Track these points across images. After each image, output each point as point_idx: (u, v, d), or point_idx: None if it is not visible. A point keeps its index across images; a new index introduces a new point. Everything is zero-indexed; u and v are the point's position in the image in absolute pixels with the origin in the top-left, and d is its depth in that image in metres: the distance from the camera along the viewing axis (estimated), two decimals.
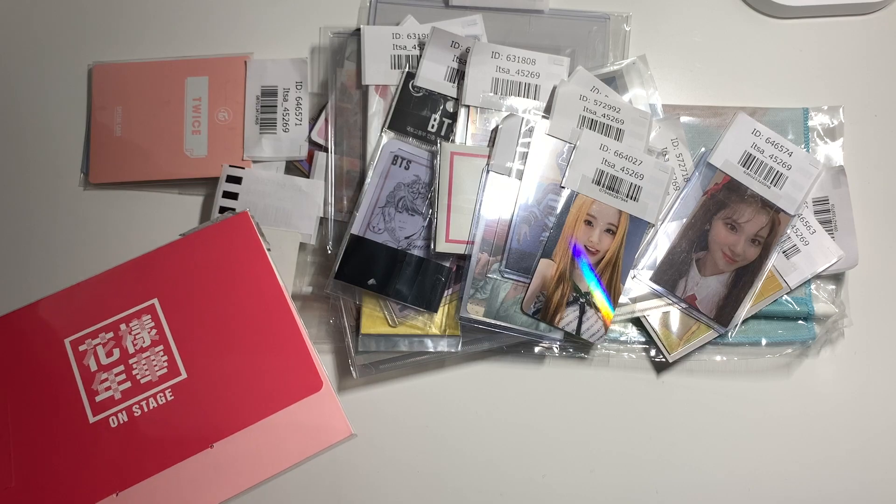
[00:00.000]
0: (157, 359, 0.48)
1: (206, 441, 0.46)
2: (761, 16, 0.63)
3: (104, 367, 0.49)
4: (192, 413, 0.47)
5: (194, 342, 0.49)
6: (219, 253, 0.51)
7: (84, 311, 0.50)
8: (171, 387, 0.47)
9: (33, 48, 0.63)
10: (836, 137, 0.59)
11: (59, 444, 0.47)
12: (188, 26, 0.63)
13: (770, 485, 0.54)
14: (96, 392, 0.48)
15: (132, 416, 0.47)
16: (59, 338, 0.50)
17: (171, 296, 0.50)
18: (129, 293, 0.50)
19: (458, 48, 0.57)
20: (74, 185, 0.60)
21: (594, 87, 0.57)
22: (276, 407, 0.47)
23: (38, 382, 0.49)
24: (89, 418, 0.47)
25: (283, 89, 0.60)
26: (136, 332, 0.49)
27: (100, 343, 0.49)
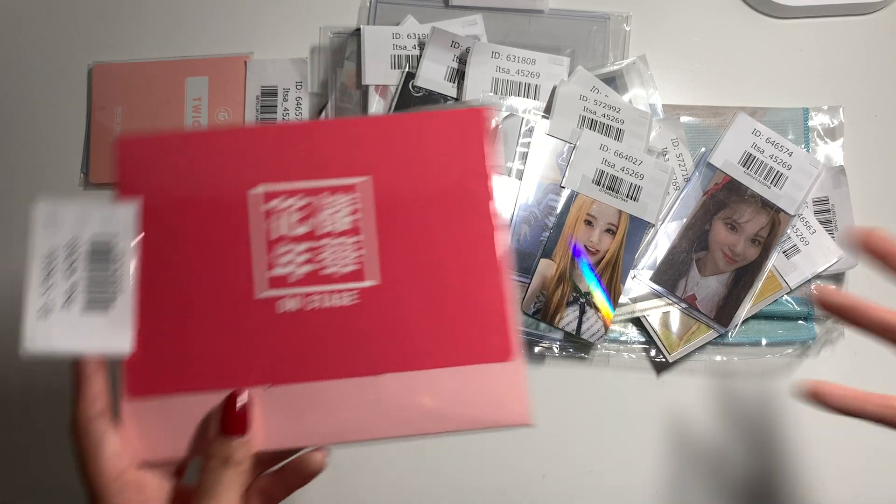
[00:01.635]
0: (348, 252, 0.38)
1: (375, 367, 0.37)
2: (761, 16, 0.63)
3: (291, 238, 0.38)
4: (371, 329, 0.38)
5: (396, 247, 0.38)
6: (448, 151, 0.40)
7: (284, 159, 0.39)
8: (359, 290, 0.38)
9: (33, 48, 0.63)
10: (836, 137, 0.59)
11: (213, 312, 0.38)
12: (188, 26, 0.63)
13: (770, 485, 0.54)
14: (272, 265, 0.38)
15: (304, 307, 0.38)
16: (243, 186, 0.39)
17: (386, 180, 0.39)
18: (341, 157, 0.39)
19: (458, 48, 0.57)
20: (74, 185, 0.60)
21: (594, 86, 0.57)
22: (458, 360, 0.38)
23: (201, 234, 0.38)
24: (255, 293, 0.38)
25: (283, 89, 0.60)
26: (336, 210, 0.39)
27: (294, 207, 0.38)
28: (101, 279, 0.36)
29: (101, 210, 0.37)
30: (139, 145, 0.39)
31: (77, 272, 0.36)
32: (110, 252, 0.36)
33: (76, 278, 0.36)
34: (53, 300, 0.36)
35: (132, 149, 0.39)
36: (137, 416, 0.36)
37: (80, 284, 0.36)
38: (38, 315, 0.36)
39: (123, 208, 0.38)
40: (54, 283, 0.36)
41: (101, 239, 0.37)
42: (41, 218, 0.37)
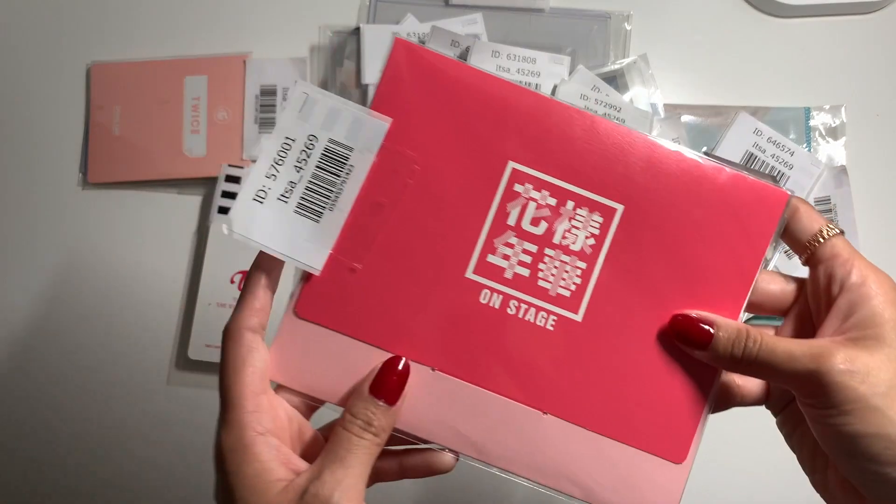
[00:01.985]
0: (570, 275, 0.34)
1: (543, 403, 0.34)
2: (763, 15, 0.63)
3: (520, 232, 0.34)
4: (556, 363, 0.34)
5: (612, 292, 0.34)
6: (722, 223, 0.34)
7: (546, 148, 0.34)
8: (557, 318, 0.34)
9: (32, 47, 0.63)
10: (837, 137, 0.58)
11: (416, 269, 0.34)
12: (187, 25, 0.63)
13: (770, 485, 0.54)
14: (493, 250, 0.34)
15: (504, 308, 0.34)
16: (503, 152, 0.34)
17: (636, 217, 0.34)
18: (603, 170, 0.34)
19: (459, 47, 0.57)
20: (73, 185, 0.60)
21: (595, 86, 0.56)
22: (627, 437, 0.34)
23: (442, 180, 0.34)
24: (467, 271, 0.34)
25: (282, 88, 0.59)
26: (576, 224, 0.34)
27: (538, 202, 0.34)
28: (324, 186, 0.33)
29: (354, 114, 0.33)
30: (417, 54, 0.34)
31: (304, 170, 0.33)
32: (344, 162, 0.33)
33: (301, 175, 0.33)
34: (272, 188, 0.33)
35: (408, 54, 0.34)
36: (295, 338, 0.34)
37: (301, 183, 0.33)
38: (253, 196, 0.33)
39: (373, 122, 0.34)
40: (281, 172, 0.33)
41: (340, 144, 0.33)
42: (296, 100, 0.33)
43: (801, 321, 0.34)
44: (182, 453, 0.57)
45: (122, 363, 0.58)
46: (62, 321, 0.58)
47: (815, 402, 0.30)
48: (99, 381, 0.58)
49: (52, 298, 0.59)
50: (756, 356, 0.31)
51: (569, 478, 0.34)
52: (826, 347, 0.30)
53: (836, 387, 0.29)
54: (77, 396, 0.58)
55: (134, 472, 0.57)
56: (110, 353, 0.58)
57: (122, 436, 0.57)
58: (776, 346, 0.30)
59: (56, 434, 0.57)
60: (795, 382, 0.30)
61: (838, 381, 0.29)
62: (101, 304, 0.59)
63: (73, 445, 0.57)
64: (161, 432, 0.57)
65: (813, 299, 0.33)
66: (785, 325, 0.35)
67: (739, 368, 0.32)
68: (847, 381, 0.29)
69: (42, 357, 0.58)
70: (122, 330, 0.58)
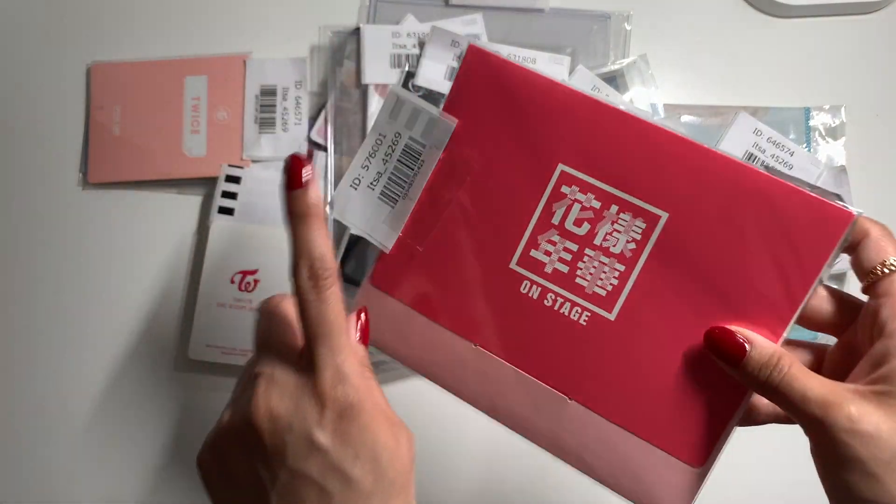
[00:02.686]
0: (607, 275, 0.36)
1: (569, 389, 0.37)
2: (763, 15, 0.63)
3: (563, 231, 0.36)
4: (585, 354, 0.36)
5: (647, 296, 0.36)
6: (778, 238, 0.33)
7: (596, 153, 0.36)
8: (591, 315, 0.36)
9: (31, 47, 0.63)
10: (837, 137, 0.58)
11: (466, 254, 0.38)
12: (187, 25, 0.63)
13: (771, 485, 0.54)
14: (536, 245, 0.37)
15: (541, 299, 0.37)
16: (555, 154, 0.36)
17: (680, 226, 0.35)
18: (650, 176, 0.35)
19: (458, 47, 0.57)
20: (73, 185, 0.60)
21: (595, 86, 0.56)
22: (645, 433, 0.36)
23: (496, 177, 0.37)
24: (511, 262, 0.37)
25: (282, 88, 0.59)
26: (618, 228, 0.36)
27: (582, 203, 0.36)
28: (401, 177, 0.38)
29: (429, 115, 0.38)
30: (486, 59, 0.37)
31: (389, 162, 0.38)
32: (417, 157, 0.38)
33: (386, 167, 0.38)
34: (364, 177, 0.39)
35: (479, 60, 0.37)
36: (368, 301, 0.39)
37: (385, 174, 0.38)
38: (351, 184, 0.39)
39: (443, 123, 0.38)
40: (372, 164, 0.39)
41: (417, 141, 0.38)
42: (391, 103, 0.38)
43: (850, 350, 0.32)
44: (182, 453, 0.57)
45: (121, 363, 0.58)
46: (62, 321, 0.58)
47: (817, 450, 0.29)
48: (99, 380, 0.58)
49: (52, 298, 0.59)
50: (776, 385, 0.30)
51: (584, 460, 0.37)
52: (840, 397, 0.28)
53: (838, 442, 0.28)
54: (77, 396, 0.58)
55: (133, 471, 0.57)
56: (110, 353, 0.58)
57: (121, 435, 0.57)
58: (795, 382, 0.29)
59: (56, 434, 0.57)
60: (804, 424, 0.29)
61: (841, 438, 0.28)
62: (100, 304, 0.59)
63: (73, 445, 0.57)
64: (161, 432, 0.57)
65: (861, 331, 0.32)
66: (835, 348, 0.33)
67: (763, 392, 0.31)
68: (849, 440, 0.28)
69: (42, 357, 0.58)
70: (121, 330, 0.58)
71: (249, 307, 0.56)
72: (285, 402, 0.30)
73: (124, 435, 0.57)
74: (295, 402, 0.30)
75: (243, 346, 0.55)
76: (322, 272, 0.30)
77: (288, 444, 0.29)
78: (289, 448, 0.29)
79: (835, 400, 0.28)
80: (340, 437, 0.29)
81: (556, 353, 0.37)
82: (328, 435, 0.29)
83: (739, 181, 0.34)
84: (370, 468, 0.29)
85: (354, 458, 0.29)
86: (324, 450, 0.29)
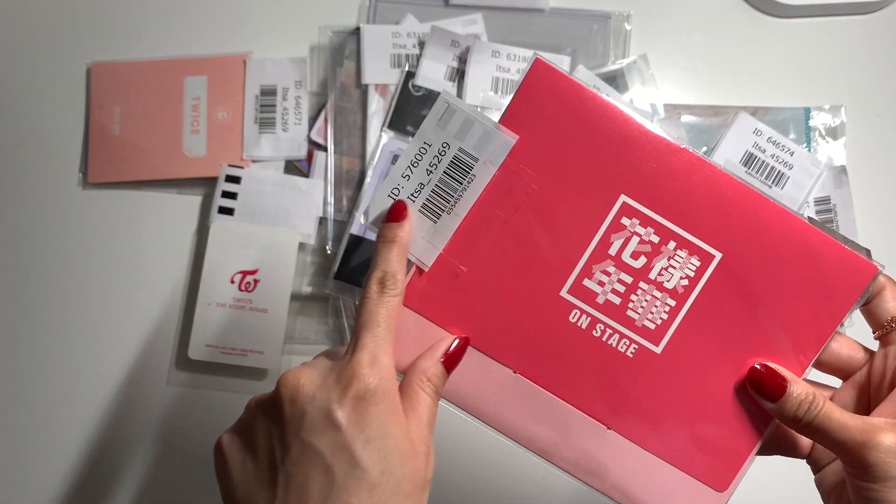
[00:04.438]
0: (658, 310, 0.37)
1: (608, 418, 0.37)
2: (763, 15, 0.63)
3: (619, 262, 0.37)
4: (628, 386, 0.37)
5: (692, 332, 0.37)
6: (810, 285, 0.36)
7: (659, 188, 0.36)
8: (638, 347, 0.37)
9: (32, 47, 0.63)
10: (837, 137, 0.58)
11: (513, 277, 0.37)
12: (187, 25, 0.63)
13: (771, 485, 0.54)
14: (590, 274, 0.37)
15: (590, 329, 0.37)
16: (616, 184, 0.36)
17: (731, 267, 0.36)
18: (707, 216, 0.36)
19: (458, 47, 0.57)
20: (73, 185, 0.60)
21: (595, 86, 0.56)
22: (676, 461, 0.37)
23: (554, 201, 0.36)
24: (562, 290, 0.37)
25: (282, 88, 0.59)
26: (673, 264, 0.37)
27: (641, 237, 0.37)
28: (446, 191, 0.36)
29: (483, 127, 0.36)
30: (553, 77, 0.36)
31: (433, 174, 0.36)
32: (468, 171, 0.36)
33: (430, 179, 0.36)
34: (405, 187, 0.36)
35: (545, 76, 0.36)
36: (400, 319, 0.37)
37: (429, 186, 0.36)
38: (388, 193, 0.36)
39: (501, 138, 0.36)
40: (414, 173, 0.36)
41: (468, 153, 0.36)
42: (438, 109, 0.36)
43: (860, 391, 0.36)
44: (182, 453, 0.57)
45: (121, 363, 0.58)
46: (62, 321, 0.58)
47: (857, 473, 0.32)
48: (99, 380, 0.58)
49: (52, 298, 0.59)
50: (813, 420, 0.33)
51: (618, 487, 0.37)
52: (879, 425, 0.32)
53: (880, 462, 0.31)
54: (77, 396, 0.58)
55: (134, 471, 0.57)
56: (110, 353, 0.58)
57: (121, 435, 0.57)
58: (832, 415, 0.33)
59: (56, 434, 0.57)
60: (843, 450, 0.32)
61: (883, 458, 0.31)
62: (100, 303, 0.59)
63: (73, 445, 0.57)
64: (161, 432, 0.57)
65: (876, 375, 0.35)
66: (842, 389, 0.37)
67: (797, 427, 0.34)
68: (891, 459, 0.31)
69: (42, 356, 0.58)
70: (121, 330, 0.58)
71: (249, 307, 0.56)
72: (314, 377, 0.31)
73: (124, 434, 0.57)
74: (323, 377, 0.31)
75: (243, 346, 0.55)
76: (390, 284, 0.33)
77: (306, 415, 0.30)
78: (306, 419, 0.30)
79: (874, 427, 0.32)
80: (357, 417, 0.30)
81: (600, 384, 0.37)
82: (346, 412, 0.30)
83: (787, 229, 0.36)
84: (378, 458, 0.30)
85: (366, 442, 0.30)
86: (338, 425, 0.30)
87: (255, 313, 0.55)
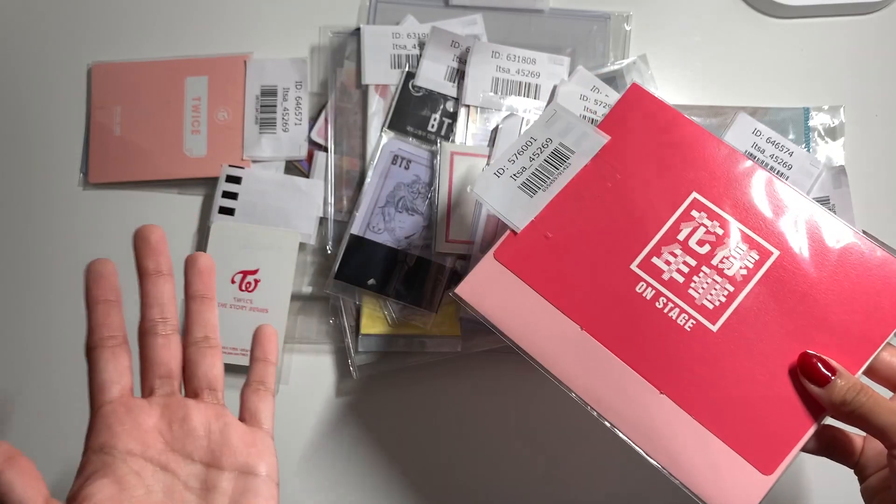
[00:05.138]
0: (717, 292, 0.41)
1: (663, 384, 0.40)
2: (762, 15, 0.63)
3: (685, 247, 0.42)
4: (684, 357, 0.40)
5: (747, 318, 0.40)
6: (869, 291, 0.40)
7: (728, 190, 0.42)
8: (696, 323, 0.41)
9: (32, 47, 0.63)
10: (836, 137, 0.59)
11: (592, 247, 0.42)
12: (188, 26, 0.63)
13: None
14: (658, 253, 0.42)
15: (653, 301, 0.41)
16: (689, 180, 0.43)
17: (785, 265, 0.41)
18: (771, 223, 0.42)
19: (458, 48, 0.57)
20: (73, 185, 0.60)
21: (594, 86, 0.57)
22: (727, 437, 0.39)
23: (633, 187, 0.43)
24: (632, 263, 0.42)
25: (282, 89, 0.60)
26: (734, 255, 0.41)
27: (707, 228, 0.42)
28: (544, 174, 0.44)
29: (583, 128, 0.44)
30: (645, 97, 0.45)
31: (535, 161, 0.44)
32: (564, 160, 0.44)
33: (532, 164, 0.44)
34: (509, 169, 0.44)
35: (637, 96, 0.45)
36: (488, 273, 0.43)
37: (529, 170, 0.44)
38: (495, 172, 0.44)
39: (596, 136, 0.44)
40: (518, 159, 0.44)
41: (567, 147, 0.44)
42: (549, 115, 0.44)
43: None
44: None
45: None
46: (62, 321, 0.59)
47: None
48: None
49: (52, 298, 0.59)
50: (862, 405, 0.35)
51: (665, 449, 0.40)
52: None
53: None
54: (77, 396, 0.58)
55: None
56: None
57: None
58: (880, 400, 0.35)
59: (56, 434, 0.57)
60: (889, 433, 0.34)
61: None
62: None
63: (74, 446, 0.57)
64: None
65: None
66: (893, 399, 0.39)
67: (843, 413, 0.36)
68: None
69: (42, 357, 0.58)
70: None
71: (249, 307, 0.56)
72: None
73: None
74: None
75: (243, 346, 0.55)
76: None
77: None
78: None
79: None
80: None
81: (657, 351, 0.41)
82: None
83: (842, 239, 0.41)
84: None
85: None
86: None
87: (256, 313, 0.56)
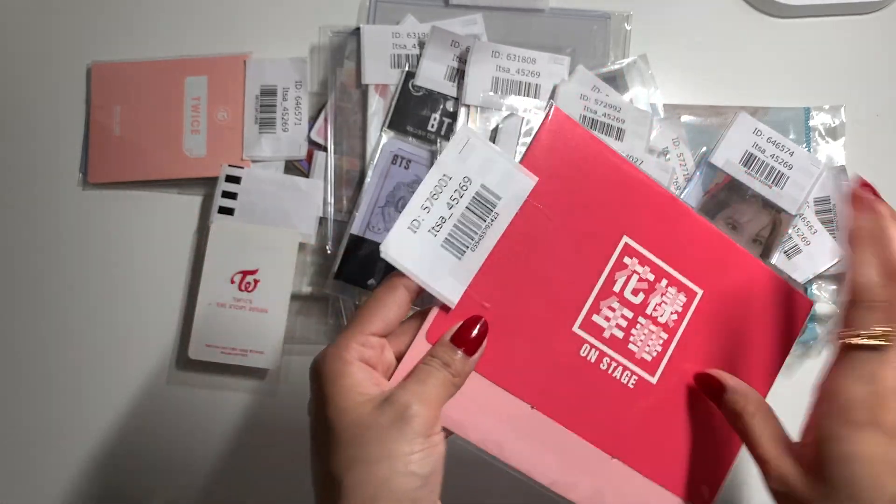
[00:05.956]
0: (654, 343, 0.40)
1: (613, 448, 0.39)
2: (763, 15, 0.63)
3: (622, 298, 0.39)
4: (628, 415, 0.40)
5: (680, 363, 0.40)
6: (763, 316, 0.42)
7: (654, 231, 0.40)
8: (638, 378, 0.40)
9: (32, 47, 0.63)
10: (837, 137, 0.58)
11: (531, 315, 0.38)
12: (187, 25, 0.63)
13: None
14: (598, 310, 0.39)
15: (598, 363, 0.39)
16: (619, 226, 0.39)
17: (709, 302, 0.41)
18: (694, 258, 0.40)
19: (458, 47, 0.57)
20: (73, 185, 0.60)
21: (595, 86, 0.56)
22: (671, 486, 0.40)
23: (563, 242, 0.38)
24: (574, 325, 0.39)
25: (282, 89, 0.59)
26: (665, 301, 0.40)
27: (640, 275, 0.39)
28: (470, 227, 0.36)
29: (505, 166, 0.36)
30: (569, 126, 0.38)
31: (455, 208, 0.36)
32: (491, 209, 0.37)
33: (451, 213, 0.36)
34: (425, 220, 0.36)
35: (561, 124, 0.38)
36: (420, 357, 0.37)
37: (450, 220, 0.36)
38: (408, 225, 0.36)
39: (523, 178, 0.37)
40: (434, 206, 0.36)
41: (490, 191, 0.37)
42: (458, 141, 0.36)
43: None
44: (182, 453, 0.57)
45: (121, 363, 0.58)
46: (62, 321, 0.59)
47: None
48: (99, 380, 0.58)
49: (52, 298, 0.59)
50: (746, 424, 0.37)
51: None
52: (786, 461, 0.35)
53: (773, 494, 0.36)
54: (77, 396, 0.58)
55: (134, 471, 0.57)
56: (110, 353, 0.58)
57: (121, 435, 0.57)
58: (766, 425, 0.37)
59: (56, 434, 0.57)
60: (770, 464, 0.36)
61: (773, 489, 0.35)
62: (100, 303, 0.59)
63: (73, 445, 0.57)
64: (161, 432, 0.57)
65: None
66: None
67: (736, 427, 0.38)
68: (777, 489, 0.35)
69: (41, 356, 0.58)
70: (121, 330, 0.58)
71: (249, 307, 0.56)
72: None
73: (124, 434, 0.57)
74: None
75: (243, 346, 0.55)
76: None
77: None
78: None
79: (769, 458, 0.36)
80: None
81: (605, 415, 0.39)
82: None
83: (755, 271, 0.41)
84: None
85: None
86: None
87: (255, 313, 0.55)
